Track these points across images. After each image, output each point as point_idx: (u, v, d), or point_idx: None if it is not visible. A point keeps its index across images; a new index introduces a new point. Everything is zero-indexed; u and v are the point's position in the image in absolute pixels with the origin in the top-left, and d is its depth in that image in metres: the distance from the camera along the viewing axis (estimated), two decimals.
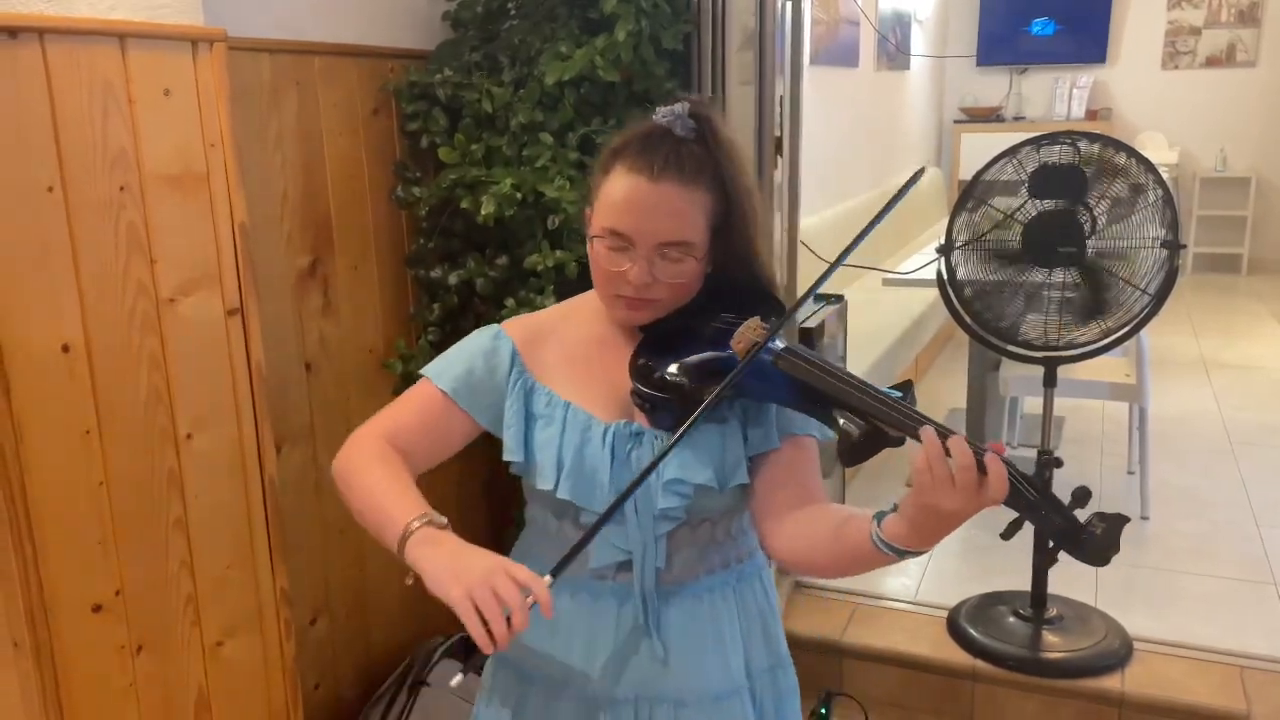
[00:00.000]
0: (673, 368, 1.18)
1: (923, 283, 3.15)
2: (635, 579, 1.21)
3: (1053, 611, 2.52)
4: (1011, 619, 2.52)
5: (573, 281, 2.10)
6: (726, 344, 1.18)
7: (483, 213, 2.07)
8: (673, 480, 1.17)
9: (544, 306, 2.07)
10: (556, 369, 1.25)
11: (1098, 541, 1.01)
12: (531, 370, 1.25)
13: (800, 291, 2.69)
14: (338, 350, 2.17)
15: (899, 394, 1.09)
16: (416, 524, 1.08)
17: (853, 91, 5.29)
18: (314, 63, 2.04)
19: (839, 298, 3.11)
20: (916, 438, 1.01)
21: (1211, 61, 7.09)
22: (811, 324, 2.89)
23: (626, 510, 1.19)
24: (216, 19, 1.58)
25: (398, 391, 2.28)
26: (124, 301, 1.47)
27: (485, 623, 0.98)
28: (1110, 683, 2.33)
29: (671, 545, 1.22)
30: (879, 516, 1.05)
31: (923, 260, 3.48)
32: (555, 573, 1.05)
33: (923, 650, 2.50)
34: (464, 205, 2.13)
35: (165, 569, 1.57)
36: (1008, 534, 1.06)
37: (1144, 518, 3.21)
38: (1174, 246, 2.23)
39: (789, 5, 2.33)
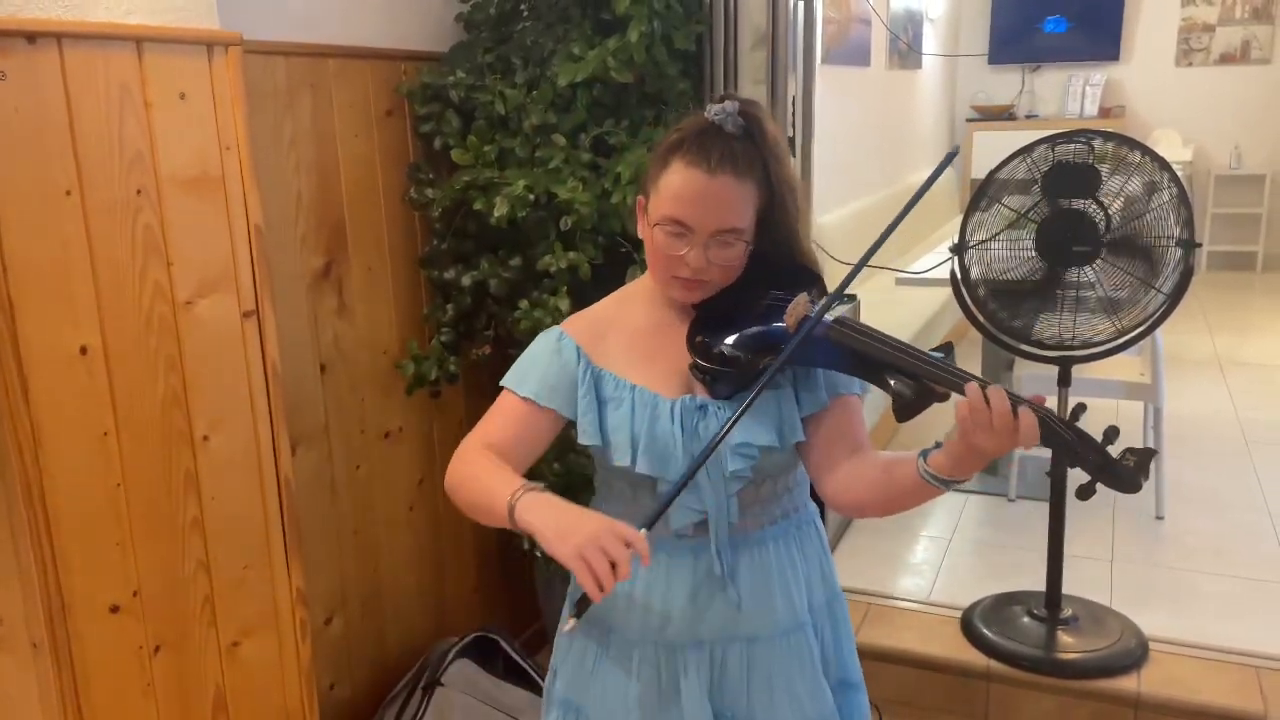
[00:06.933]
0: (730, 341, 1.30)
1: (936, 282, 3.14)
2: (711, 534, 1.33)
3: (1068, 612, 2.51)
4: (1026, 619, 2.51)
5: (586, 283, 2.11)
6: (774, 319, 1.31)
7: (496, 214, 2.08)
8: (740, 444, 1.29)
9: (558, 308, 2.08)
10: (619, 355, 1.36)
11: (1130, 472, 1.13)
12: (596, 360, 1.35)
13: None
14: (352, 351, 2.18)
15: (941, 355, 1.21)
16: (520, 492, 1.17)
17: (864, 91, 5.28)
18: (328, 65, 2.05)
19: (851, 297, 3.10)
20: (961, 392, 1.14)
21: (1226, 58, 7.04)
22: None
23: (699, 476, 1.28)
24: (230, 22, 1.58)
25: (410, 392, 2.30)
26: (141, 304, 1.48)
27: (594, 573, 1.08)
28: (1126, 683, 2.32)
29: (740, 503, 1.33)
30: (924, 454, 1.20)
31: (936, 259, 3.46)
32: (649, 526, 1.15)
33: (937, 650, 2.49)
34: (477, 207, 2.13)
35: (182, 569, 1.58)
36: (1053, 471, 1.19)
37: (1159, 517, 3.19)
38: (1189, 245, 2.21)
39: (800, 5, 2.33)
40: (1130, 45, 7.22)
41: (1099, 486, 1.16)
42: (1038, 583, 2.54)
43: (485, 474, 1.26)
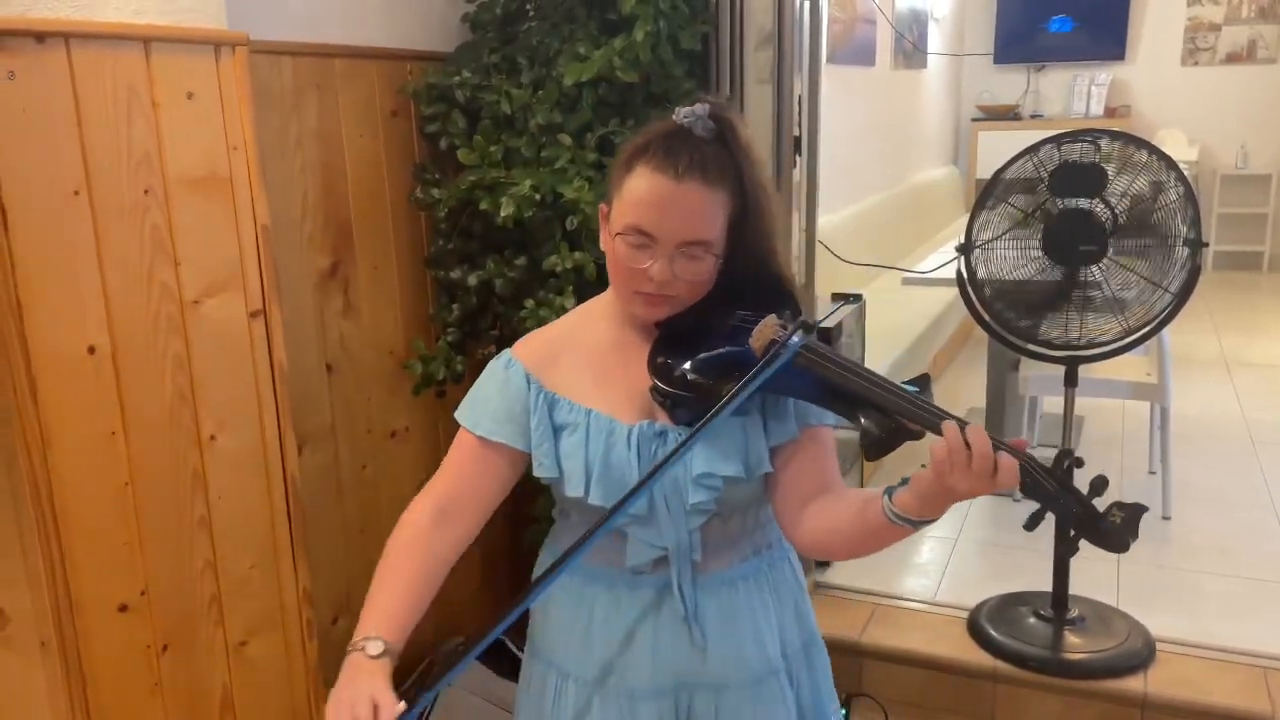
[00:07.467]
0: (691, 364, 1.20)
1: (942, 282, 3.14)
2: (672, 571, 1.24)
3: (1074, 612, 2.50)
4: (1033, 620, 2.51)
5: (591, 283, 2.11)
6: (742, 341, 1.20)
7: (502, 214, 2.08)
8: (702, 474, 1.20)
9: (563, 307, 2.08)
10: (576, 376, 1.27)
11: (1117, 530, 1.04)
12: (549, 384, 1.26)
13: (818, 290, 2.69)
14: (358, 351, 2.18)
15: (915, 388, 1.12)
16: (358, 643, 1.11)
17: (869, 90, 5.27)
18: (334, 65, 2.05)
19: (857, 297, 3.10)
20: (936, 431, 1.06)
21: (1232, 58, 7.03)
22: (829, 323, 2.88)
23: (658, 508, 1.21)
24: (237, 22, 1.59)
25: (417, 392, 2.30)
26: (149, 304, 1.48)
27: None
28: (1133, 684, 2.31)
29: (704, 537, 1.24)
30: (889, 492, 1.11)
31: (941, 259, 3.46)
32: (410, 701, 1.06)
33: (943, 651, 2.49)
34: (483, 206, 2.13)
35: (190, 569, 1.58)
36: (1030, 525, 1.10)
37: (1166, 518, 3.19)
38: (1196, 244, 2.21)
39: (806, 4, 2.33)
40: (1136, 45, 7.21)
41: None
42: (1044, 583, 2.53)
43: (376, 591, 1.19)
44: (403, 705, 1.05)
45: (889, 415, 1.10)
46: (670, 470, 1.13)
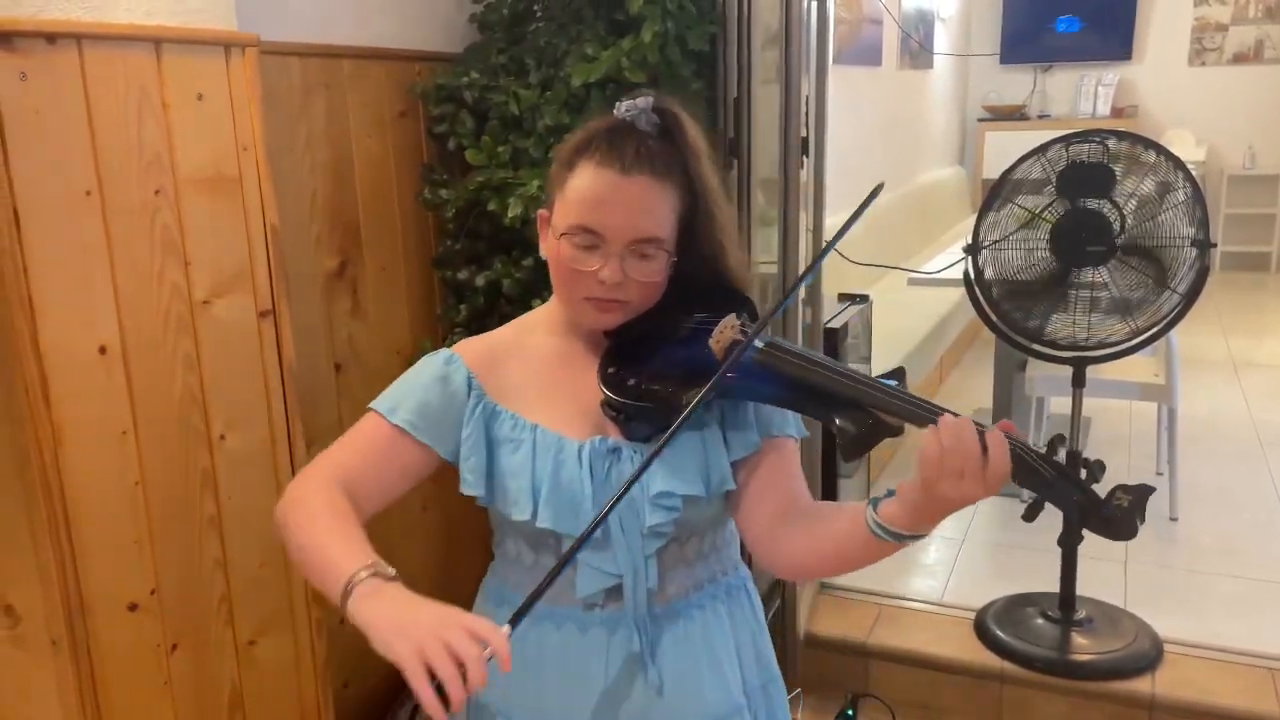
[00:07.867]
0: (646, 373, 1.11)
1: (949, 282, 3.14)
2: (627, 604, 1.14)
3: (1081, 613, 2.50)
4: (1040, 621, 2.51)
5: None
6: (699, 345, 1.12)
7: (510, 215, 2.08)
8: (660, 494, 1.10)
9: None
10: (519, 389, 1.17)
11: (1123, 513, 0.95)
12: (491, 393, 1.16)
13: (825, 289, 2.69)
14: (366, 351, 2.18)
15: (893, 382, 1.05)
16: (363, 574, 0.98)
17: (876, 91, 5.27)
18: (343, 66, 2.05)
19: (864, 298, 3.10)
20: (917, 424, 0.98)
21: (1239, 58, 7.01)
22: (836, 324, 2.88)
23: (612, 532, 1.12)
24: (246, 23, 1.59)
25: None
26: (159, 303, 1.49)
27: (437, 683, 0.87)
28: (1140, 685, 2.31)
29: (662, 564, 1.15)
30: (873, 503, 1.02)
31: (948, 260, 3.46)
32: (514, 622, 0.93)
33: (950, 652, 2.49)
34: (491, 207, 2.14)
35: (200, 568, 1.59)
36: (1029, 516, 1.03)
37: (1173, 519, 3.18)
38: (1204, 245, 2.21)
39: (813, 4, 2.33)
40: (1143, 45, 7.20)
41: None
42: (1051, 584, 2.53)
43: (330, 532, 1.04)
44: (507, 628, 0.91)
45: (865, 410, 1.02)
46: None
